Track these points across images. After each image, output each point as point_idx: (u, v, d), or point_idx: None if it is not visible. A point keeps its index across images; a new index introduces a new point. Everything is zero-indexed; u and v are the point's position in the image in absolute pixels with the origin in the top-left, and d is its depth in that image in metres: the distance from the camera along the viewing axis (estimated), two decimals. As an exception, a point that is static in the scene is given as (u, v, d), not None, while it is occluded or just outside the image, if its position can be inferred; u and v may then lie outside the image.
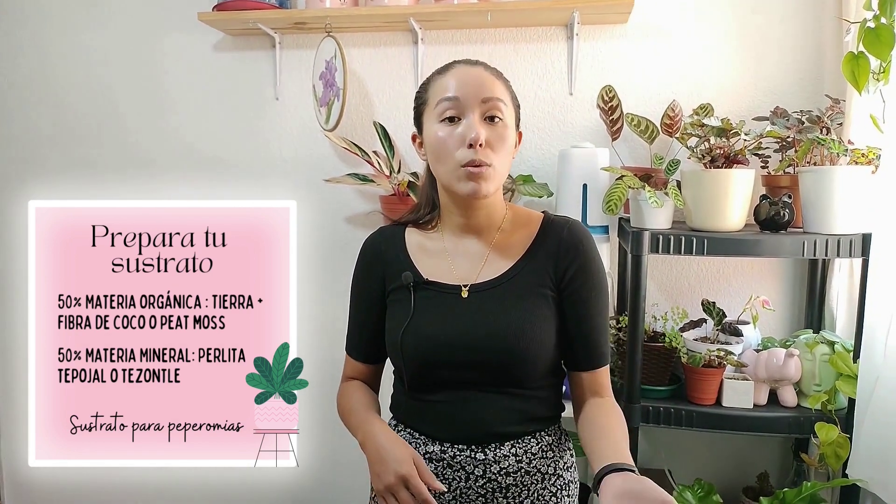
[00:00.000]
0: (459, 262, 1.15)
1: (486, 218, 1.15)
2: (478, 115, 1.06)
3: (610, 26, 1.97)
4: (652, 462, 1.99)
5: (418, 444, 1.14)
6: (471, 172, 1.05)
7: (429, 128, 1.11)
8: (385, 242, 1.21)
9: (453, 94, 1.06)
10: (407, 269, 1.15)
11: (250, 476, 2.22)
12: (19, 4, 2.27)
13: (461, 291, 1.12)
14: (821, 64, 1.86)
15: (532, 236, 1.14)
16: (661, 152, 1.83)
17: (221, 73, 2.20)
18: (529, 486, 1.12)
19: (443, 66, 1.14)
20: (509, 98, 1.11)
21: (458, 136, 1.06)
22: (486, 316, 1.09)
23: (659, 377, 1.71)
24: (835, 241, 1.53)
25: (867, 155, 1.56)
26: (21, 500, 2.44)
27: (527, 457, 1.12)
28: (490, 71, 1.11)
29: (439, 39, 2.06)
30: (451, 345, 1.08)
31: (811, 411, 1.60)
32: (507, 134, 1.08)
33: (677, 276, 1.99)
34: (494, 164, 1.06)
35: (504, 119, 1.08)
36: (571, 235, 1.12)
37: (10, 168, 2.33)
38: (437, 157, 1.09)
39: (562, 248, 1.11)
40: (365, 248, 1.24)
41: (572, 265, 1.11)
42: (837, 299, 1.76)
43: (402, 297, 1.14)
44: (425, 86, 1.14)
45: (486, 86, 1.07)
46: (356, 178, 1.97)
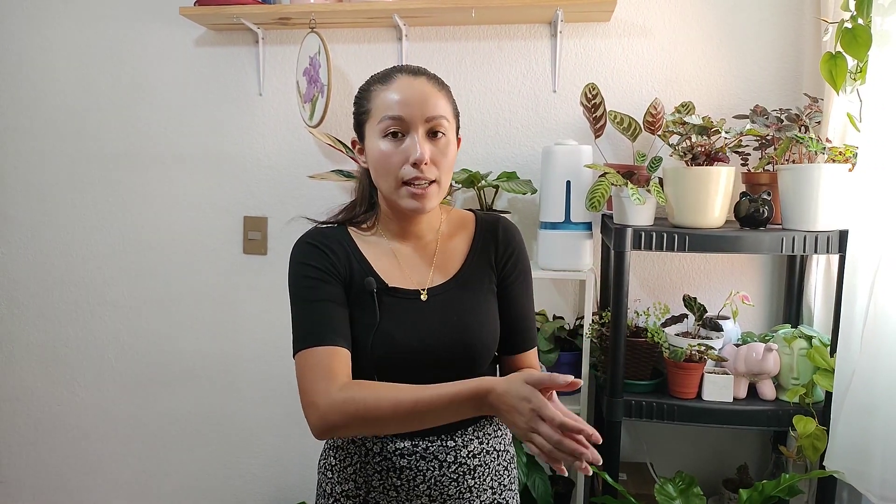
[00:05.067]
0: (410, 266, 1.17)
1: (425, 224, 1.19)
2: (422, 133, 1.08)
3: (593, 24, 1.98)
4: (634, 455, 2.02)
5: (386, 443, 1.13)
6: (414, 192, 1.08)
7: (371, 140, 1.11)
8: (333, 244, 1.15)
9: (397, 114, 1.07)
10: (368, 274, 1.13)
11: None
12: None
13: (420, 295, 1.14)
14: (800, 63, 1.89)
15: (471, 237, 1.21)
16: (643, 150, 1.85)
17: (203, 69, 2.18)
18: (489, 463, 1.18)
19: (384, 75, 1.13)
20: (451, 111, 1.13)
21: (402, 152, 1.08)
22: (450, 316, 1.13)
23: (641, 372, 1.73)
24: (813, 237, 1.55)
25: (845, 153, 1.58)
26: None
27: (485, 437, 1.18)
28: (432, 82, 1.12)
29: (423, 36, 2.06)
30: (421, 347, 1.10)
31: (789, 404, 1.63)
32: (449, 149, 1.12)
33: (659, 272, 2.01)
34: (437, 178, 1.10)
35: (447, 134, 1.11)
36: (506, 233, 1.21)
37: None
38: (380, 172, 1.10)
39: (500, 246, 1.20)
40: (311, 247, 1.13)
41: (510, 260, 1.20)
42: (815, 295, 1.79)
43: (363, 301, 1.11)
44: (367, 94, 1.13)
45: (429, 103, 1.09)
46: (341, 175, 1.97)
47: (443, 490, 1.13)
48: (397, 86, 1.10)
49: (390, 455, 1.13)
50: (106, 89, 2.24)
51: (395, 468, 1.13)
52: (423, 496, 1.13)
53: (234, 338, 2.23)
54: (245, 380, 2.24)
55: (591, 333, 1.78)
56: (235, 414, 2.26)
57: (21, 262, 2.36)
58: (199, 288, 2.25)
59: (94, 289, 2.32)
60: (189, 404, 2.29)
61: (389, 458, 1.13)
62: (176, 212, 2.24)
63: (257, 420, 2.25)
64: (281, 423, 2.23)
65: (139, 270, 2.28)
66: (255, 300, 2.22)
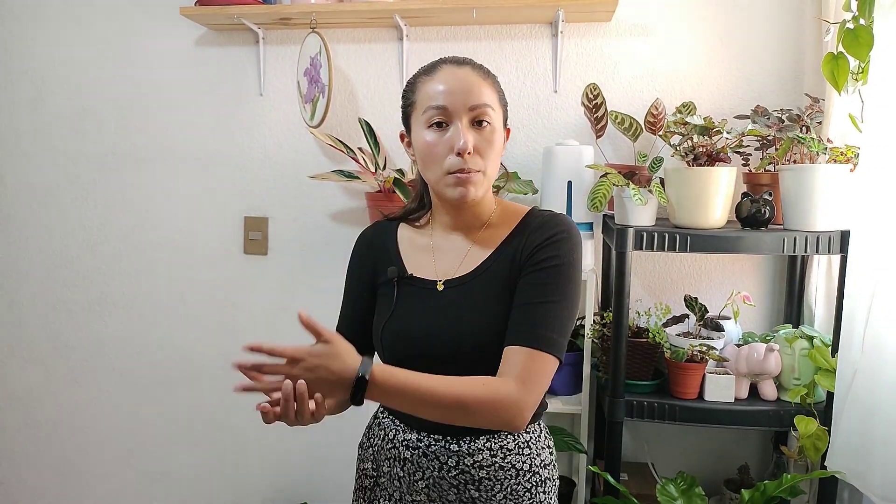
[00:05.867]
0: (442, 258, 1.17)
1: (473, 217, 1.17)
2: (465, 122, 1.07)
3: (594, 24, 1.98)
4: (636, 455, 2.02)
5: (398, 431, 1.17)
6: (459, 178, 1.07)
7: (417, 132, 1.12)
8: (377, 236, 1.24)
9: (441, 104, 1.07)
10: (394, 263, 1.18)
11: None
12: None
13: (437, 286, 1.14)
14: (801, 64, 1.89)
15: (509, 231, 1.15)
16: (644, 150, 1.85)
17: (204, 69, 2.18)
18: (503, 480, 1.12)
19: (430, 66, 1.14)
20: (497, 99, 1.12)
21: (447, 142, 1.07)
22: (457, 311, 1.11)
23: (642, 372, 1.73)
24: (814, 237, 1.55)
25: (846, 153, 1.59)
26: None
27: (502, 452, 1.13)
28: (478, 72, 1.11)
29: (424, 36, 2.06)
30: (424, 338, 1.11)
31: (791, 404, 1.63)
32: (494, 137, 1.10)
33: (660, 273, 2.01)
34: (483, 168, 1.08)
35: (492, 123, 1.09)
36: (540, 228, 1.10)
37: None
38: (426, 163, 1.11)
39: (528, 239, 1.10)
40: (358, 242, 1.27)
41: (531, 251, 1.08)
42: (816, 295, 1.79)
43: (387, 291, 1.18)
44: (412, 86, 1.14)
45: (473, 92, 1.08)
46: (341, 175, 1.97)
47: (442, 493, 1.13)
48: (441, 76, 1.09)
49: (398, 445, 1.15)
50: (106, 89, 2.23)
51: (400, 458, 1.15)
52: (422, 493, 1.14)
53: (235, 338, 2.23)
54: (246, 379, 2.23)
55: (592, 334, 1.78)
56: (235, 414, 2.26)
57: (21, 262, 2.35)
58: (200, 288, 2.24)
59: (94, 289, 2.31)
60: (189, 404, 2.29)
61: (397, 448, 1.15)
62: (176, 212, 2.24)
63: (257, 420, 2.22)
64: (281, 423, 2.21)
65: (139, 270, 2.28)
66: (255, 300, 2.21)
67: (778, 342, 1.70)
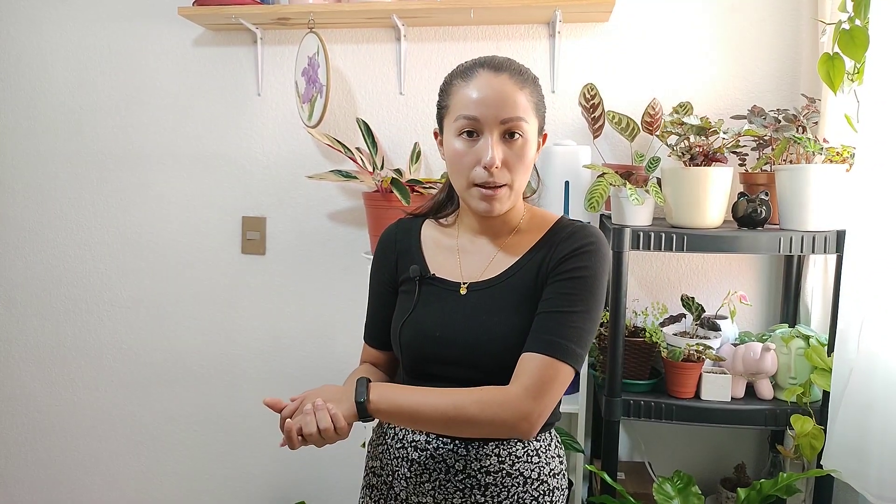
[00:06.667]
0: (468, 261, 1.16)
1: (502, 223, 1.16)
2: (496, 135, 1.05)
3: (592, 25, 1.98)
4: (632, 455, 2.02)
5: (407, 432, 1.16)
6: (484, 194, 1.06)
7: (448, 137, 1.10)
8: (401, 234, 1.24)
9: (472, 114, 1.04)
10: (417, 262, 1.18)
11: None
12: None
13: (460, 289, 1.13)
14: (797, 64, 1.90)
15: (537, 239, 1.13)
16: (641, 150, 1.85)
17: (202, 69, 2.18)
18: (510, 487, 1.11)
19: (468, 68, 1.09)
20: (532, 108, 1.08)
21: (474, 153, 1.05)
22: (480, 315, 1.10)
23: (639, 371, 1.74)
24: (810, 237, 1.56)
25: (842, 153, 1.59)
26: None
27: (510, 459, 1.12)
28: (515, 79, 1.06)
29: (422, 36, 2.06)
30: (442, 341, 1.10)
31: (787, 404, 1.64)
32: (525, 150, 1.07)
33: (657, 272, 2.02)
34: (510, 182, 1.07)
35: (524, 135, 1.06)
36: (568, 239, 1.09)
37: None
38: (453, 170, 1.10)
39: (555, 249, 1.09)
40: (382, 238, 1.26)
41: (557, 262, 1.08)
42: (812, 294, 1.80)
43: (409, 289, 1.18)
44: (448, 87, 1.11)
45: (508, 104, 1.04)
46: (339, 175, 1.97)
47: (447, 496, 1.12)
48: (476, 83, 1.06)
49: (407, 445, 1.15)
50: (104, 89, 2.24)
51: (408, 459, 1.15)
52: (427, 496, 1.13)
53: (233, 338, 2.23)
54: (244, 379, 2.24)
55: (589, 333, 1.78)
56: (234, 413, 2.27)
57: (20, 262, 2.35)
58: (198, 288, 2.25)
59: (92, 289, 2.32)
60: (188, 404, 2.29)
61: (406, 448, 1.15)
62: (174, 212, 2.24)
63: (257, 420, 2.25)
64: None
65: (137, 270, 2.28)
66: (253, 300, 2.22)
67: (774, 341, 1.70)
